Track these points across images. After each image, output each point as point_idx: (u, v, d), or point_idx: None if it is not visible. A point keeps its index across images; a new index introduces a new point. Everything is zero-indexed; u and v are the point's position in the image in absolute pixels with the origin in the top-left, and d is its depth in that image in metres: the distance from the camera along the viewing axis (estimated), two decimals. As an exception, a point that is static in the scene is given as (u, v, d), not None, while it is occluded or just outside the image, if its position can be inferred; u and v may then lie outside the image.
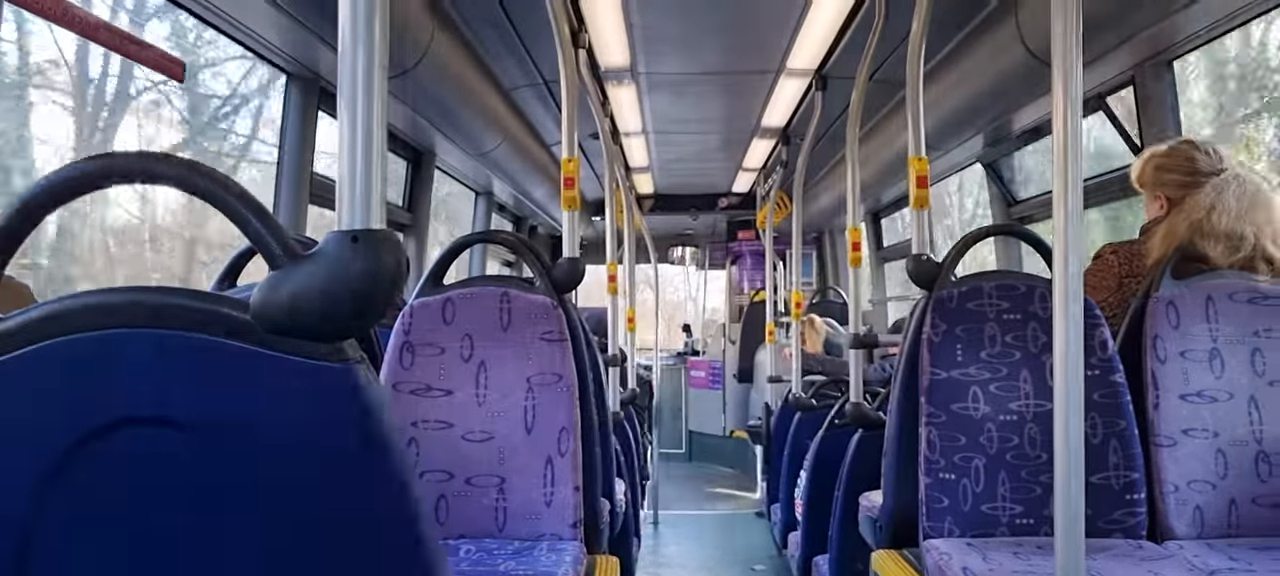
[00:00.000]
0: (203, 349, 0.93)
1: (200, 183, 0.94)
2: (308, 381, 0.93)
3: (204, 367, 0.93)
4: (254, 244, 0.93)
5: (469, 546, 2.37)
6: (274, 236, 0.93)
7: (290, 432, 0.93)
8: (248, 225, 0.93)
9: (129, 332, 0.93)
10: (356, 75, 0.94)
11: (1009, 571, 2.06)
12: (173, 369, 0.93)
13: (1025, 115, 4.29)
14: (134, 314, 0.93)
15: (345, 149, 0.93)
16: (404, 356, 2.54)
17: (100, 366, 0.93)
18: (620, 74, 4.99)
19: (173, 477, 0.93)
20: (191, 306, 0.94)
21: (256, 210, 0.94)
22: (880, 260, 7.86)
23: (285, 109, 3.53)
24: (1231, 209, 2.49)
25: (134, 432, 0.93)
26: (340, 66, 0.94)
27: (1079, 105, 1.66)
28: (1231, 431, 2.38)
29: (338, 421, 0.93)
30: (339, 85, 0.94)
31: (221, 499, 0.93)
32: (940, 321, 2.47)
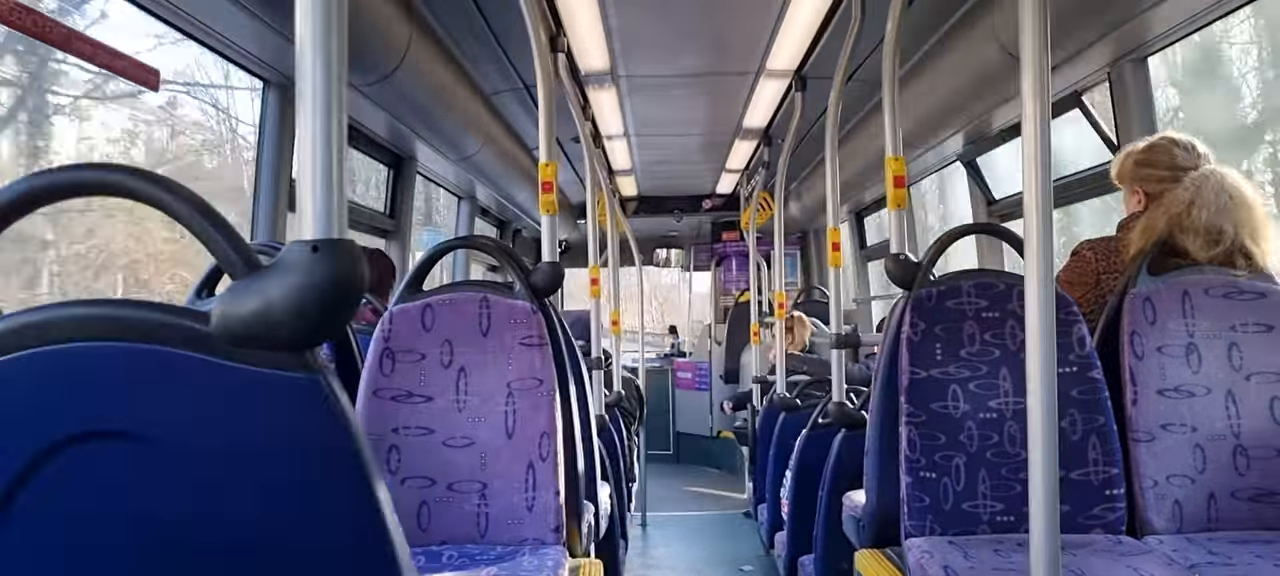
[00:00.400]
0: (166, 361, 0.92)
1: (157, 194, 0.93)
2: (271, 392, 0.92)
3: (167, 380, 0.93)
4: (214, 255, 0.93)
5: (451, 552, 2.37)
6: (234, 247, 0.92)
7: (254, 443, 0.93)
8: (207, 237, 0.93)
9: (92, 346, 0.92)
10: (315, 81, 0.93)
11: (990, 569, 2.07)
12: (136, 382, 0.92)
13: (1003, 114, 4.31)
14: (97, 327, 0.93)
15: (305, 156, 0.93)
16: (384, 363, 2.53)
17: (63, 380, 0.92)
18: (600, 77, 4.99)
19: (137, 491, 0.92)
20: (153, 319, 0.93)
21: (216, 222, 0.93)
22: (864, 259, 7.87)
23: (262, 115, 3.51)
24: (1211, 203, 2.51)
25: (98, 446, 0.92)
26: (298, 72, 0.93)
27: (1048, 103, 1.67)
28: (1209, 426, 2.39)
29: (302, 431, 0.93)
30: (298, 91, 0.94)
31: (186, 512, 0.93)
32: (919, 320, 2.48)
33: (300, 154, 0.93)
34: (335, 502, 0.94)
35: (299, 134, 0.93)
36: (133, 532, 0.92)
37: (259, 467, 0.93)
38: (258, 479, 0.93)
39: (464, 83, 4.65)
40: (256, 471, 0.93)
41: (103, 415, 0.92)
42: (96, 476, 0.92)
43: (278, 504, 0.93)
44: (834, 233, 3.88)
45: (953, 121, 4.51)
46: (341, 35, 0.94)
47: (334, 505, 0.94)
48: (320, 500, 0.94)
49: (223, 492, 0.93)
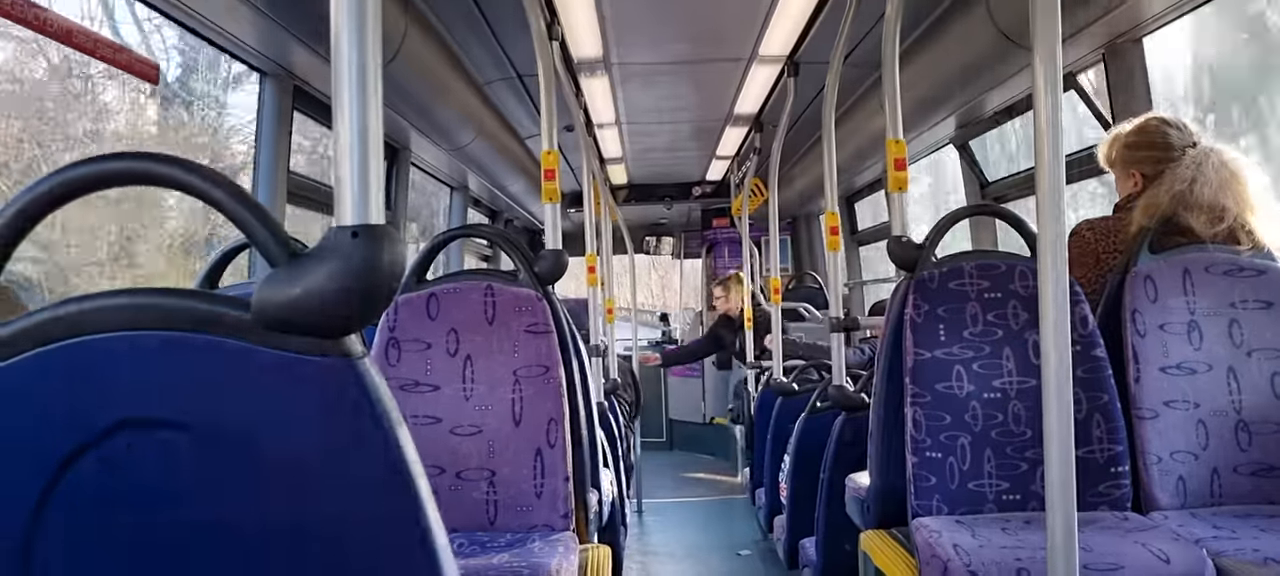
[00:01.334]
0: (206, 349, 0.93)
1: (198, 184, 0.94)
2: (313, 377, 0.93)
3: (208, 367, 0.93)
4: (254, 243, 0.93)
5: (461, 540, 2.38)
6: (274, 235, 0.93)
7: (296, 428, 0.94)
8: (247, 225, 0.94)
9: (130, 336, 0.93)
10: (352, 71, 0.93)
11: (998, 547, 2.09)
12: (176, 370, 0.93)
13: (997, 96, 4.32)
14: (135, 316, 0.93)
15: (341, 145, 0.93)
16: (390, 352, 2.54)
17: (102, 370, 0.93)
18: (593, 65, 4.98)
19: (178, 478, 0.93)
20: (192, 307, 0.93)
21: (255, 210, 0.94)
22: (856, 243, 7.90)
23: (260, 108, 3.50)
24: (1212, 181, 2.53)
25: (138, 435, 0.92)
26: (335, 65, 0.93)
27: (1059, 83, 1.68)
28: (1212, 402, 2.41)
29: (344, 416, 0.94)
30: (334, 84, 0.94)
31: (228, 497, 0.93)
32: (922, 302, 2.49)
33: (336, 142, 0.93)
34: (375, 486, 0.95)
35: (336, 125, 0.94)
36: (175, 517, 0.93)
37: (299, 452, 0.94)
38: (298, 463, 0.94)
39: (458, 72, 4.64)
40: (297, 455, 0.94)
41: (144, 403, 0.92)
42: (139, 463, 0.92)
43: (318, 487, 0.94)
44: (831, 217, 3.89)
45: (946, 104, 4.52)
46: (376, 24, 0.95)
47: (373, 488, 0.95)
48: (360, 483, 0.95)
49: (264, 477, 0.94)
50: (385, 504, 0.95)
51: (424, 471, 0.98)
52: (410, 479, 0.95)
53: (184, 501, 0.93)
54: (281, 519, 0.94)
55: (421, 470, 0.97)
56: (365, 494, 0.94)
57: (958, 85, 4.24)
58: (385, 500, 0.95)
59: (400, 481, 0.95)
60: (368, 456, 0.94)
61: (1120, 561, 1.99)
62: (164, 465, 0.93)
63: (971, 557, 2.03)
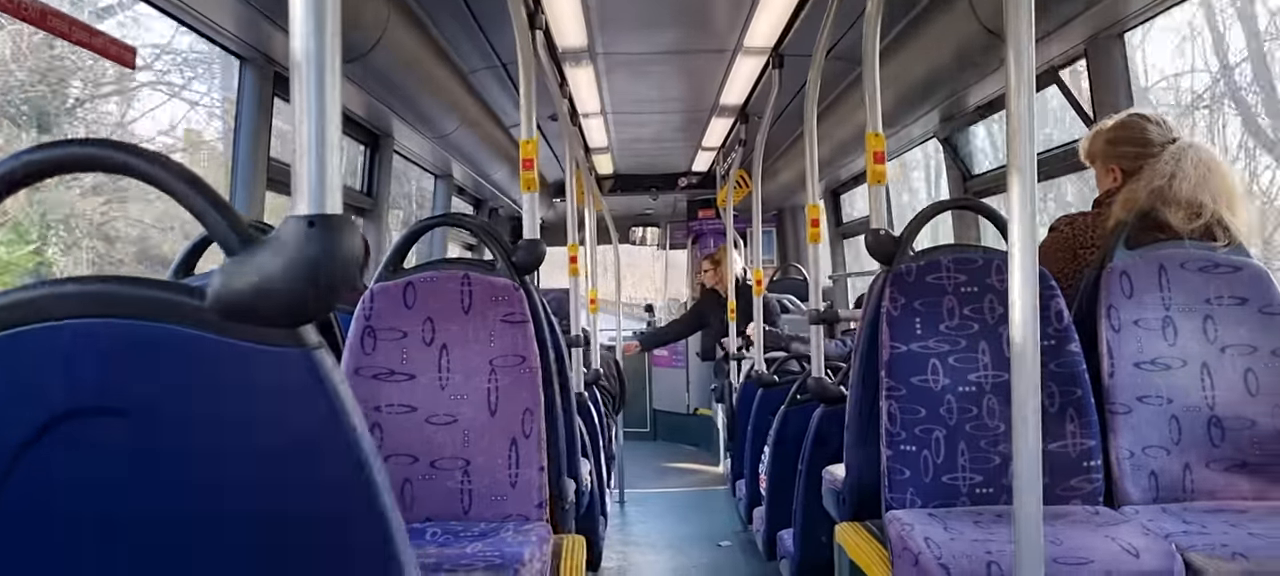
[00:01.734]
0: (159, 338, 0.92)
1: (153, 171, 0.93)
2: (267, 367, 0.92)
3: (161, 356, 0.92)
4: (209, 231, 0.92)
5: (435, 529, 2.37)
6: (230, 223, 0.92)
7: (250, 418, 0.93)
8: (203, 213, 0.93)
9: (81, 323, 0.92)
10: (309, 58, 0.92)
11: (970, 540, 2.09)
12: (128, 359, 0.92)
13: (980, 90, 4.33)
14: (85, 304, 0.92)
15: (300, 133, 0.92)
16: (366, 341, 2.53)
17: (51, 359, 0.92)
18: (578, 55, 4.98)
19: (131, 468, 0.92)
20: (145, 295, 0.93)
21: (211, 197, 0.93)
22: (840, 236, 7.90)
23: (240, 94, 3.48)
24: (1191, 176, 2.54)
25: (93, 423, 0.92)
26: (292, 49, 0.92)
27: (1032, 78, 1.68)
28: (1185, 398, 2.43)
29: (298, 406, 0.93)
30: (291, 68, 0.93)
31: (181, 488, 0.93)
32: (899, 295, 2.50)
33: (295, 130, 0.93)
34: (330, 476, 0.95)
35: (294, 110, 0.93)
36: (129, 506, 0.92)
37: (254, 442, 0.93)
38: (253, 453, 0.93)
39: (441, 61, 4.62)
40: (252, 446, 0.93)
41: (98, 392, 0.92)
42: (93, 453, 0.92)
43: (273, 478, 0.94)
44: (813, 209, 3.89)
45: (930, 98, 4.53)
46: (335, 10, 0.94)
47: (328, 479, 0.95)
48: (315, 474, 0.94)
49: (218, 467, 0.93)
50: (340, 493, 0.94)
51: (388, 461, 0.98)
52: (366, 468, 0.95)
53: (136, 492, 0.92)
54: (234, 509, 0.93)
55: (378, 460, 0.96)
56: (319, 484, 0.94)
57: (941, 79, 4.25)
58: (340, 490, 0.94)
59: (356, 471, 0.94)
60: (322, 446, 0.94)
61: (1090, 555, 2.00)
62: (116, 455, 0.92)
63: (943, 550, 2.03)
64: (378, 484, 0.96)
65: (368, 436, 0.96)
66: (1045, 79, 3.81)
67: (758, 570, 4.86)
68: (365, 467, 0.95)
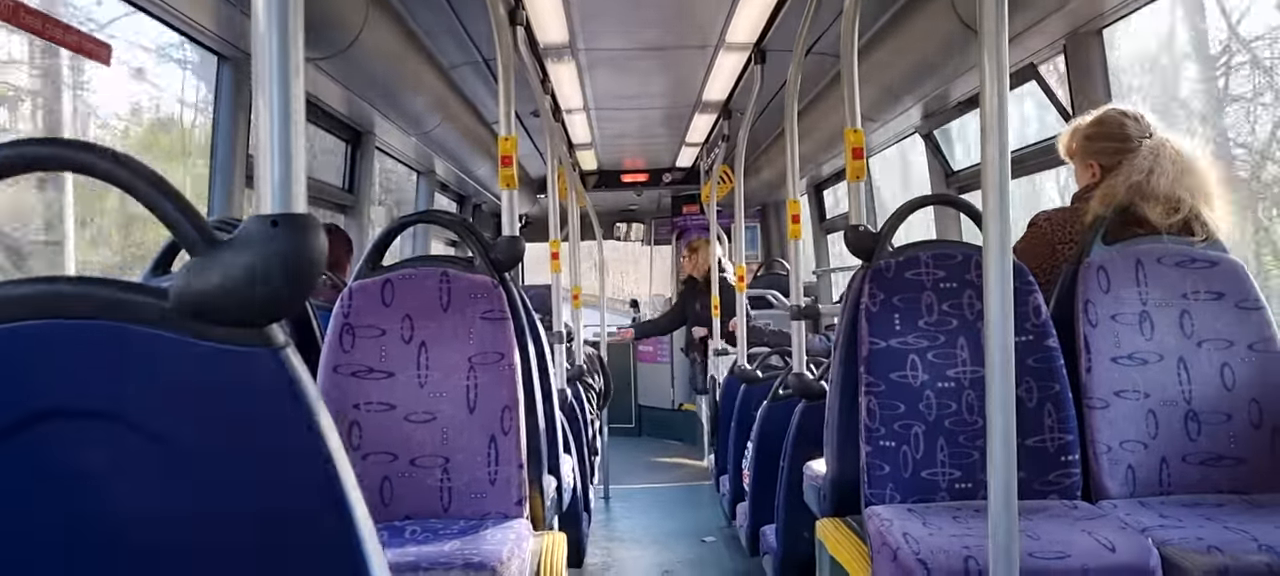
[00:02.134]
0: (123, 338, 0.91)
1: (114, 170, 0.92)
2: (231, 367, 0.92)
3: (125, 357, 0.92)
4: (172, 231, 0.92)
5: (414, 527, 2.37)
6: (192, 223, 0.91)
7: (215, 418, 0.92)
8: (165, 212, 0.92)
9: (45, 324, 0.91)
10: (272, 55, 0.92)
11: (948, 535, 2.10)
12: (93, 359, 0.91)
13: (960, 85, 4.34)
14: (49, 304, 0.91)
15: (263, 131, 0.92)
16: (344, 338, 2.52)
17: (15, 359, 0.91)
18: (560, 51, 4.97)
19: (94, 469, 0.91)
20: (110, 296, 0.92)
21: (174, 197, 0.92)
22: (824, 231, 7.92)
23: (217, 91, 3.46)
24: (1169, 171, 2.55)
25: (57, 425, 0.91)
26: (254, 45, 0.92)
27: (1006, 75, 1.68)
28: (1161, 392, 2.44)
29: (263, 405, 0.93)
30: (254, 65, 0.92)
31: (145, 488, 0.92)
32: (878, 291, 2.50)
33: (258, 128, 0.92)
34: (296, 476, 0.94)
35: (257, 108, 0.92)
36: (90, 509, 0.92)
37: (218, 442, 0.93)
38: (217, 453, 0.93)
39: (422, 56, 4.61)
40: (216, 446, 0.93)
41: (60, 393, 0.91)
42: (58, 454, 0.91)
43: (239, 478, 0.93)
44: (793, 205, 3.90)
45: (911, 94, 4.54)
46: (297, 6, 0.93)
47: (294, 478, 0.94)
48: (281, 473, 0.94)
49: (181, 467, 0.92)
50: (307, 493, 0.94)
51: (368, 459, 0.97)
52: (333, 467, 0.94)
53: (100, 493, 0.92)
54: (200, 509, 0.92)
55: (345, 459, 0.96)
56: (285, 483, 0.93)
57: (921, 75, 4.26)
58: (307, 489, 0.94)
59: (323, 470, 0.94)
60: (288, 445, 0.93)
61: (1067, 549, 2.01)
62: (79, 456, 0.91)
63: (921, 546, 2.04)
64: (345, 482, 0.95)
65: (335, 435, 0.95)
66: (1025, 75, 3.82)
67: (741, 565, 4.87)
68: (332, 466, 0.94)
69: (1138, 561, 1.99)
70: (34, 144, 0.95)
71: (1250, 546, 1.98)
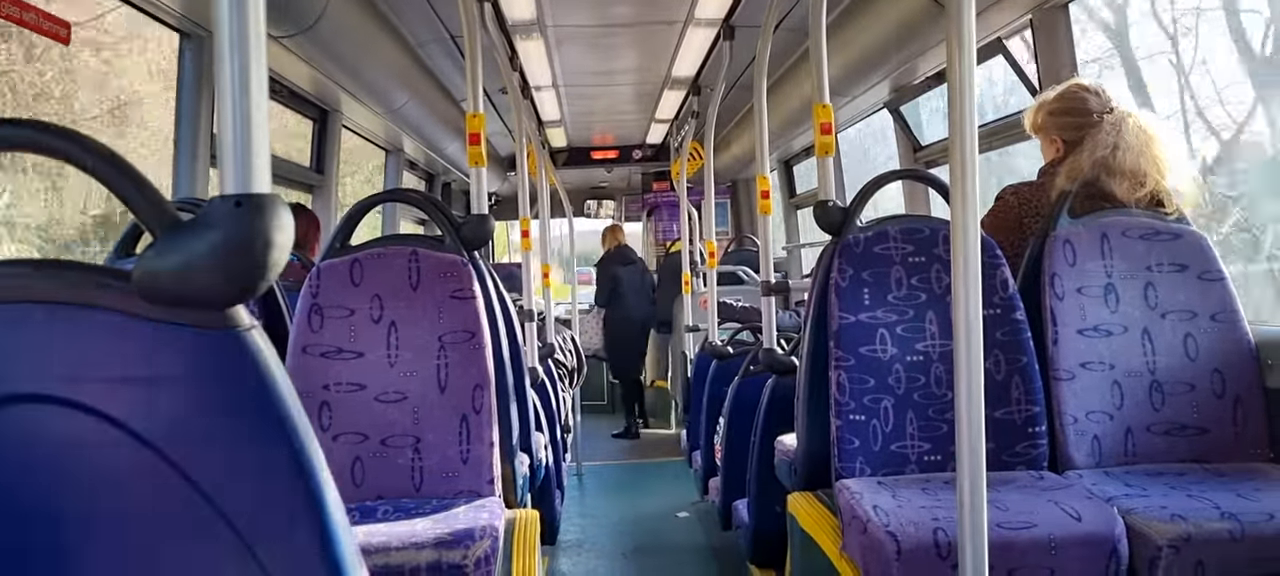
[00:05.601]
0: (85, 322, 0.90)
1: (72, 150, 0.90)
2: (196, 350, 0.91)
3: (88, 341, 0.90)
4: (133, 212, 0.90)
5: (386, 507, 2.36)
6: (153, 204, 0.90)
7: (179, 402, 0.91)
8: (125, 193, 0.90)
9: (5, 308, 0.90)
10: (232, 30, 0.90)
11: (917, 507, 2.12)
12: (54, 343, 0.90)
13: (928, 61, 4.35)
14: (10, 289, 0.90)
15: (224, 109, 0.90)
16: (313, 319, 2.51)
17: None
18: (528, 27, 4.94)
19: (58, 454, 0.90)
20: (71, 280, 0.91)
21: (134, 179, 0.91)
22: (793, 207, 7.93)
23: (180, 69, 3.42)
24: (1133, 146, 2.57)
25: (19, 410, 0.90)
26: (215, 20, 0.90)
27: (973, 48, 1.69)
28: (1126, 363, 2.47)
29: (229, 388, 0.92)
30: (214, 39, 0.91)
31: (109, 472, 0.91)
32: (847, 266, 2.51)
33: (220, 107, 0.90)
34: (262, 458, 0.93)
35: (218, 86, 0.90)
36: (57, 491, 0.90)
37: (186, 426, 0.92)
38: (185, 437, 0.91)
39: (389, 33, 4.57)
40: (181, 429, 0.91)
41: (21, 378, 0.90)
42: (18, 439, 0.90)
43: (206, 462, 0.92)
44: (763, 181, 3.90)
45: (879, 69, 4.55)
46: None
47: (261, 460, 0.93)
48: (247, 455, 0.93)
49: (149, 452, 0.91)
50: (273, 475, 0.93)
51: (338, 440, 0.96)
52: (302, 450, 0.93)
53: (67, 475, 0.91)
54: (164, 493, 0.91)
55: (314, 440, 0.95)
56: (251, 465, 0.92)
57: (890, 50, 4.27)
58: (273, 471, 0.93)
59: (290, 452, 0.93)
60: (255, 428, 0.92)
61: (1033, 519, 2.03)
62: (42, 441, 0.90)
63: (890, 518, 2.06)
64: (314, 464, 0.94)
65: (304, 416, 0.95)
66: (992, 49, 3.84)
67: (714, 540, 4.89)
68: (299, 448, 0.94)
69: (1103, 530, 2.02)
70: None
71: (1213, 514, 2.02)
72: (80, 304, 0.90)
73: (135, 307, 0.90)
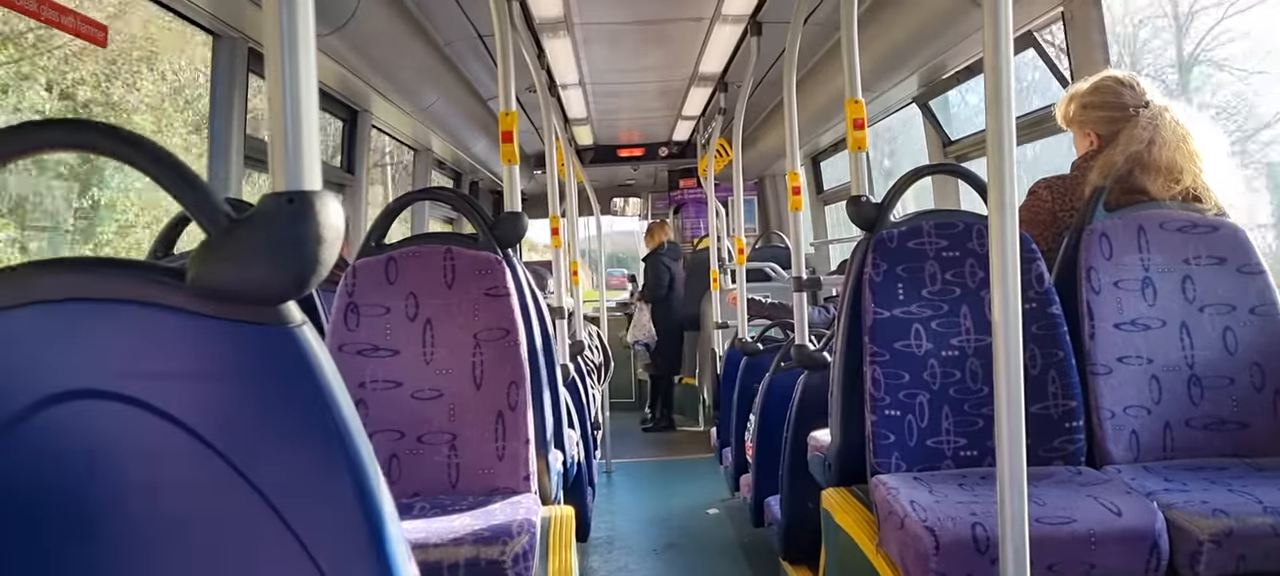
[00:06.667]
0: (140, 319, 0.91)
1: (130, 152, 0.92)
2: (249, 346, 0.92)
3: (143, 338, 0.92)
4: (188, 211, 0.91)
5: (423, 504, 2.38)
6: (208, 203, 0.91)
7: (232, 398, 0.92)
8: (181, 193, 0.92)
9: (62, 306, 0.91)
10: (283, 31, 0.91)
11: (954, 502, 2.11)
12: (109, 340, 0.91)
13: (958, 54, 4.33)
14: (66, 286, 0.91)
15: (275, 109, 0.91)
16: (349, 317, 2.52)
17: (33, 341, 0.91)
18: (555, 26, 4.95)
19: (112, 449, 0.91)
20: (126, 277, 0.92)
21: (189, 178, 0.92)
22: (821, 203, 7.90)
23: (214, 71, 3.44)
24: (1169, 142, 2.54)
25: (71, 406, 0.91)
26: (265, 23, 0.91)
27: (1010, 41, 1.68)
28: (1164, 357, 2.45)
29: (281, 384, 0.93)
30: (265, 42, 0.92)
31: (162, 468, 0.92)
32: (881, 261, 2.50)
33: (271, 107, 0.92)
34: (314, 455, 0.94)
35: (268, 85, 0.92)
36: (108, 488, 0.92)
37: (240, 421, 0.93)
38: (238, 432, 0.93)
39: (418, 33, 4.59)
40: (234, 425, 0.93)
41: (77, 374, 0.91)
42: (76, 434, 0.91)
43: (259, 455, 0.93)
44: (793, 177, 3.89)
45: (908, 63, 4.52)
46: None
47: (313, 457, 0.94)
48: (300, 452, 0.94)
49: (203, 447, 0.92)
50: (326, 472, 0.94)
51: (375, 437, 0.97)
52: (352, 444, 0.94)
53: (118, 472, 0.92)
54: (217, 487, 0.93)
55: (365, 437, 0.96)
56: (304, 462, 0.93)
57: (920, 44, 4.24)
58: (326, 468, 0.94)
59: (341, 447, 0.94)
60: (307, 423, 0.93)
61: (1072, 514, 2.02)
62: (99, 436, 0.91)
63: (928, 513, 2.05)
64: (363, 459, 0.96)
65: (354, 413, 0.96)
66: (1023, 42, 3.81)
67: (746, 537, 4.89)
68: (350, 443, 0.95)
69: (1143, 525, 2.00)
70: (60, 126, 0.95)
71: (1255, 508, 2.00)
72: (136, 300, 0.92)
73: (190, 304, 0.91)
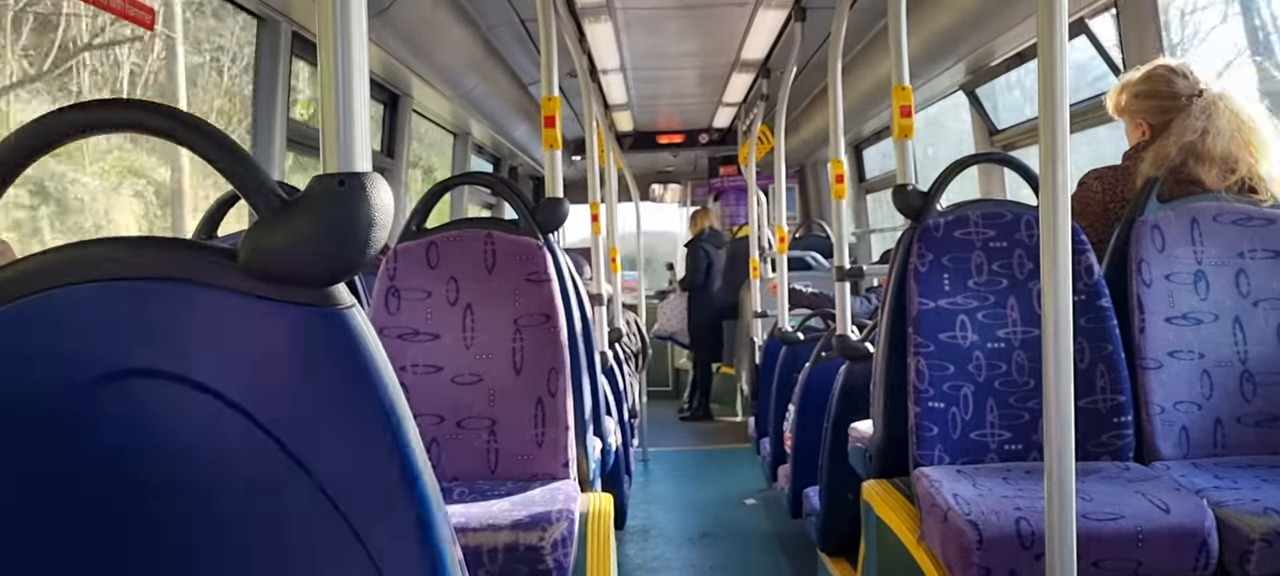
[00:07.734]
0: (191, 298, 0.91)
1: (186, 133, 0.92)
2: (299, 327, 0.92)
3: (193, 317, 0.92)
4: (240, 192, 0.91)
5: (463, 488, 2.38)
6: (262, 185, 0.91)
7: (282, 378, 0.92)
8: (234, 174, 0.92)
9: (113, 285, 0.91)
10: (335, 14, 0.91)
11: (999, 496, 2.08)
12: (160, 319, 0.91)
13: (1006, 41, 4.27)
14: (117, 265, 0.91)
15: (326, 92, 0.91)
16: (390, 301, 2.53)
17: (84, 320, 0.91)
18: (597, 10, 4.94)
19: (164, 428, 0.91)
20: (176, 256, 0.92)
21: (242, 159, 0.92)
22: (863, 192, 7.85)
23: (258, 55, 3.46)
24: (1224, 132, 2.48)
25: (122, 384, 0.91)
26: (319, 8, 0.91)
27: (1064, 27, 1.65)
28: (1217, 352, 2.40)
29: (330, 365, 0.92)
30: (318, 25, 0.92)
31: (213, 447, 0.92)
32: (927, 251, 2.47)
33: (321, 89, 0.91)
34: (362, 437, 0.94)
35: (320, 69, 0.92)
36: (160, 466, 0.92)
37: (286, 401, 0.93)
38: (285, 412, 0.93)
39: (460, 18, 4.60)
40: (284, 405, 0.93)
41: (135, 353, 0.91)
42: (131, 413, 0.91)
43: (309, 436, 0.93)
44: (837, 165, 3.86)
45: (955, 50, 4.47)
46: None
47: (361, 439, 0.94)
48: (348, 434, 0.94)
49: (250, 426, 0.92)
50: (373, 454, 0.94)
51: (415, 421, 0.96)
52: (399, 428, 0.94)
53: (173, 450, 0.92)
54: (267, 468, 0.92)
55: (411, 419, 0.96)
56: (352, 444, 0.93)
57: (967, 30, 4.19)
58: (373, 450, 0.94)
59: (389, 430, 0.94)
60: (355, 406, 0.93)
61: (1120, 510, 1.98)
62: (153, 414, 0.91)
63: (971, 507, 2.02)
64: (411, 443, 0.95)
65: (401, 396, 0.95)
66: (1074, 29, 3.74)
67: (784, 528, 4.86)
68: (397, 426, 0.94)
69: (1192, 522, 1.96)
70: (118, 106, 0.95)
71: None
72: (189, 280, 0.92)
73: (242, 284, 0.91)
